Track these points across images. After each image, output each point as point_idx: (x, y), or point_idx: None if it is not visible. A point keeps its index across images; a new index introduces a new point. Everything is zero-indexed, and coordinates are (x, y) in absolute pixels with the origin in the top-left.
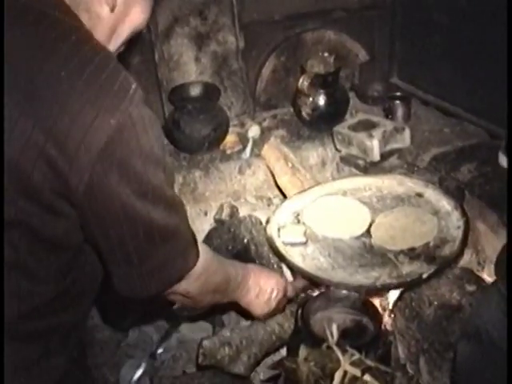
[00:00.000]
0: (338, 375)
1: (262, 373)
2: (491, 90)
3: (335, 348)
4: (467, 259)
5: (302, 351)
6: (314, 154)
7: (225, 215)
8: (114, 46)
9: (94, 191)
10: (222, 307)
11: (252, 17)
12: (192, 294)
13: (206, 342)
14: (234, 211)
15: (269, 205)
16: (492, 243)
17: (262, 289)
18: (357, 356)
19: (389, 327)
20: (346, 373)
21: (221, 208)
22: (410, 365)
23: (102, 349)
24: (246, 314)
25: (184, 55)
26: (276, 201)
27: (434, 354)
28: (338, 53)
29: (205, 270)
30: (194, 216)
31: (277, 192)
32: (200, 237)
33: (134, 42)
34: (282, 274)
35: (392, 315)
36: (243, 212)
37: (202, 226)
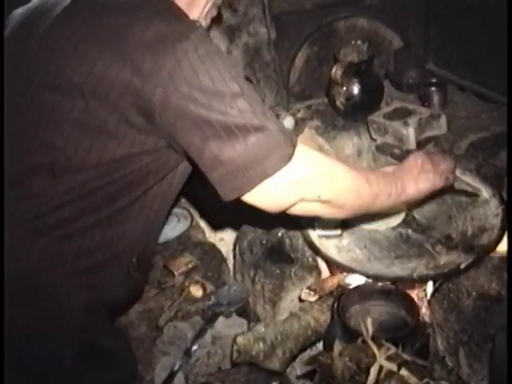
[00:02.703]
0: (373, 370)
1: (299, 368)
2: None
3: (370, 342)
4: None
5: (337, 346)
6: (349, 143)
7: None
8: (194, 14)
9: (169, 103)
10: None
11: (283, 7)
12: (325, 198)
13: (240, 339)
14: None
15: None
16: None
17: (417, 166)
18: (393, 350)
19: (427, 319)
20: (381, 367)
21: None
22: (450, 357)
23: (137, 346)
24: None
25: None
26: None
27: (474, 346)
28: (372, 40)
29: (319, 169)
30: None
31: None
32: (235, 231)
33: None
34: (317, 267)
35: (430, 307)
36: None
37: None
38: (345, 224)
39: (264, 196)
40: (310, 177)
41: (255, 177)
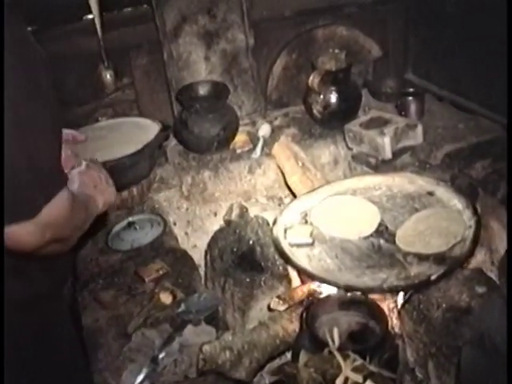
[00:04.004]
0: (338, 382)
1: (267, 378)
2: (506, 83)
3: (336, 353)
4: (480, 259)
5: (303, 356)
6: (325, 152)
7: (234, 216)
8: None
9: None
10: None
11: (261, 14)
12: (54, 238)
13: (206, 347)
14: (243, 211)
15: (279, 205)
16: (506, 242)
17: (97, 185)
18: (359, 361)
19: (396, 330)
20: (347, 379)
21: (230, 208)
22: (419, 369)
23: (105, 353)
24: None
25: (193, 54)
26: (287, 200)
27: (442, 358)
28: (351, 49)
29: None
30: (203, 217)
31: (288, 192)
32: (208, 238)
33: None
34: (288, 276)
35: (399, 318)
36: (253, 212)
37: (211, 226)
38: (317, 232)
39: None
40: None
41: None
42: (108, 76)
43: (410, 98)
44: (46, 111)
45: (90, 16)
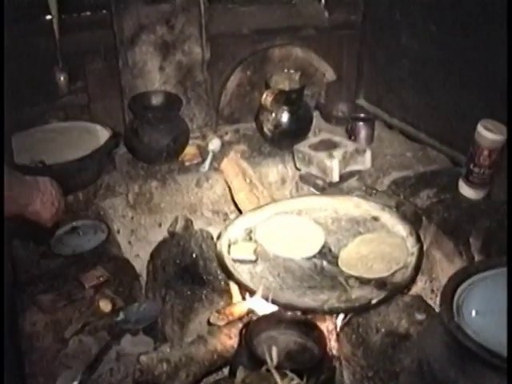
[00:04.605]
0: None
1: None
2: (456, 116)
3: (274, 371)
4: (421, 286)
5: (240, 373)
6: (273, 170)
7: (179, 228)
8: None
9: None
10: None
11: (220, 29)
12: None
13: (143, 358)
14: (188, 224)
15: (225, 220)
16: (447, 271)
17: (45, 194)
18: (296, 381)
19: (334, 352)
20: None
21: (175, 220)
22: None
23: (41, 357)
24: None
25: (148, 63)
26: (232, 216)
27: (379, 383)
28: (305, 70)
29: None
30: (147, 227)
31: (234, 207)
32: (151, 248)
33: None
34: (229, 291)
35: (338, 340)
36: (198, 225)
37: (155, 237)
38: (260, 250)
39: None
40: None
41: None
42: (62, 78)
43: (361, 123)
44: None
45: (49, 17)
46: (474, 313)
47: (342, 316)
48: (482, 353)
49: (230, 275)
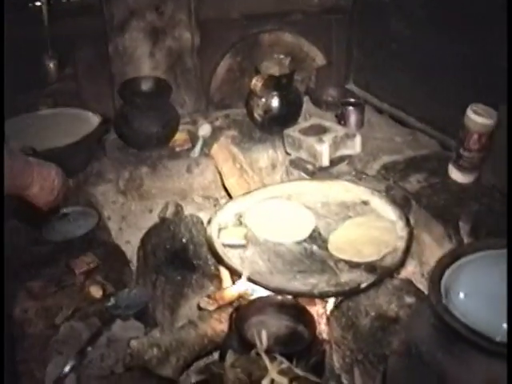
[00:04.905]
0: (264, 383)
1: (194, 376)
2: (445, 100)
3: (263, 355)
4: (411, 270)
5: (229, 357)
6: (264, 156)
7: (169, 213)
8: None
9: None
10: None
11: (209, 14)
12: None
13: (133, 343)
14: (178, 210)
15: (215, 205)
16: (436, 255)
17: (46, 180)
18: (285, 364)
19: (324, 336)
20: (273, 381)
21: (166, 206)
22: (345, 375)
23: (32, 344)
24: (28, 208)
25: (138, 50)
26: (223, 201)
27: (368, 366)
28: (295, 56)
29: None
30: (138, 213)
31: (224, 193)
32: (142, 234)
33: None
34: (219, 276)
35: (328, 324)
36: (189, 211)
37: (146, 223)
38: (250, 234)
39: None
40: None
41: None
42: (51, 65)
43: (351, 108)
44: None
45: (38, 3)
46: (461, 295)
47: (331, 300)
48: (469, 334)
49: (220, 260)
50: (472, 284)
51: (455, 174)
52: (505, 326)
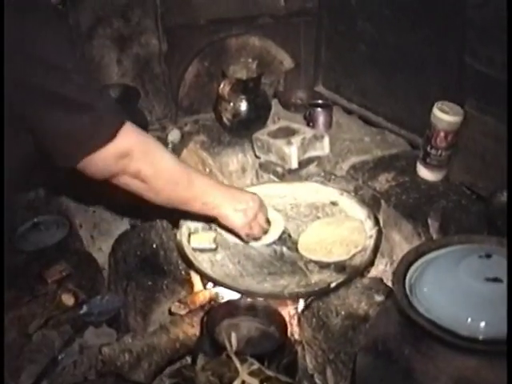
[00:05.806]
0: None
1: (167, 381)
2: (412, 99)
3: (233, 357)
4: (381, 269)
5: (200, 360)
6: (234, 160)
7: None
8: None
9: None
10: None
11: (176, 20)
12: (145, 175)
13: (105, 349)
14: None
15: None
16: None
17: (238, 200)
18: (256, 365)
19: (296, 337)
20: (243, 382)
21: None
22: (318, 375)
23: (5, 352)
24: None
25: (106, 57)
26: None
27: (340, 365)
28: (263, 59)
29: (143, 147)
30: (110, 220)
31: None
32: (112, 241)
33: None
34: (190, 280)
35: (299, 324)
36: None
37: (117, 229)
38: (220, 238)
39: (91, 165)
40: (132, 152)
41: (85, 148)
42: None
43: (319, 109)
44: None
45: None
46: (426, 291)
47: (302, 300)
48: (435, 330)
49: (190, 264)
50: (436, 280)
51: (423, 172)
52: (470, 320)
